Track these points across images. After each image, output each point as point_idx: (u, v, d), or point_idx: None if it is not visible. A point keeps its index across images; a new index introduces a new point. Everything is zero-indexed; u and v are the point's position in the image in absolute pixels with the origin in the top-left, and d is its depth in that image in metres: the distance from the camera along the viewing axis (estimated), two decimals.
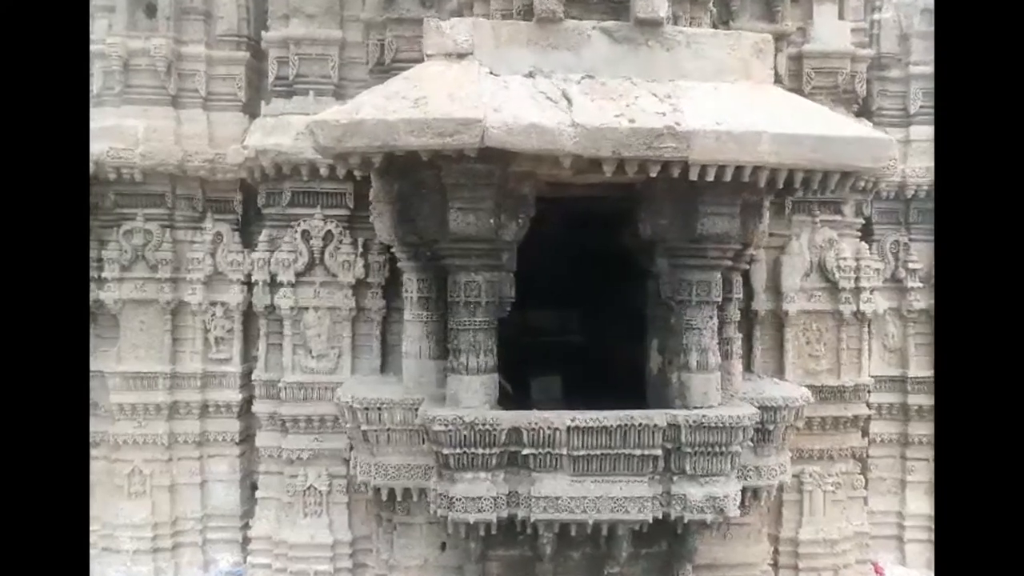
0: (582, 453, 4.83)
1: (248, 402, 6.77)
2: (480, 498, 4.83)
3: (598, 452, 4.85)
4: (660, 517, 4.96)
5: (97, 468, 6.67)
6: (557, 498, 4.86)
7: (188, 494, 6.73)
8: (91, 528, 6.60)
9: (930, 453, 6.94)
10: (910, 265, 6.97)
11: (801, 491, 6.51)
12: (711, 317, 5.12)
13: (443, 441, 4.78)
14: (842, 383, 6.51)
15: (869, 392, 6.83)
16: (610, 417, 4.83)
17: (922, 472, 7.00)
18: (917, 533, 6.98)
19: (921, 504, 6.98)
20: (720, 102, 4.56)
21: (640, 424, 4.82)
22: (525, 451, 4.83)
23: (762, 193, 4.83)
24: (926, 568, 6.87)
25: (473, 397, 4.93)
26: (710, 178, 4.40)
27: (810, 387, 6.17)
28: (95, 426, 6.67)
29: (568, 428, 4.78)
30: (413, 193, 5.13)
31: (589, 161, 4.38)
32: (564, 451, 4.82)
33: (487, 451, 4.80)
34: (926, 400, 6.93)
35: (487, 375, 5.01)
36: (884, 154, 4.47)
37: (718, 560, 5.82)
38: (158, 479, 6.64)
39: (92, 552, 6.57)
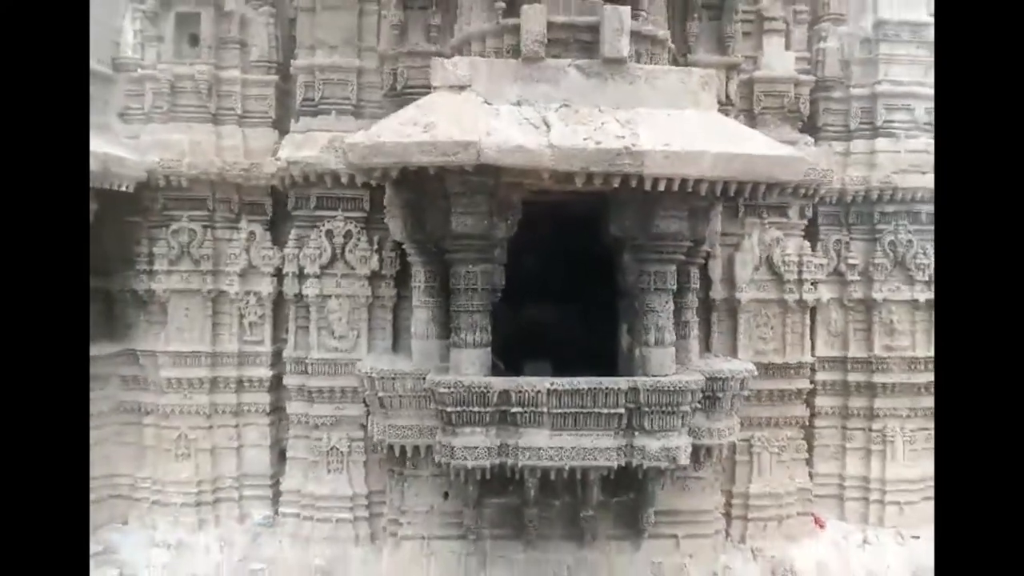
0: (560, 411, 5.88)
1: (277, 378, 7.79)
2: (476, 448, 5.89)
3: (573, 411, 5.89)
4: (623, 465, 6.01)
5: (149, 434, 7.72)
6: (539, 448, 5.91)
7: (226, 457, 7.75)
8: (144, 484, 7.68)
9: (866, 424, 7.99)
10: (849, 261, 7.96)
11: (751, 453, 7.57)
12: (667, 302, 6.18)
13: (446, 401, 5.86)
14: (786, 361, 7.58)
15: (813, 370, 7.90)
16: (582, 382, 5.90)
17: (859, 440, 8.02)
18: (854, 492, 7.99)
19: (858, 467, 8.00)
20: (671, 127, 5.62)
21: (607, 388, 5.88)
22: (513, 409, 5.88)
23: (706, 200, 5.90)
24: (861, 522, 7.91)
25: (471, 366, 5.99)
26: (661, 188, 5.46)
27: (759, 364, 7.25)
28: (148, 398, 7.72)
29: (548, 390, 5.83)
30: (422, 200, 6.21)
31: (564, 174, 5.43)
32: (545, 410, 5.86)
33: (482, 409, 5.86)
34: (863, 377, 7.97)
35: (482, 349, 6.07)
36: (799, 169, 5.57)
37: (678, 507, 6.88)
38: (201, 443, 7.64)
39: (145, 505, 7.65)
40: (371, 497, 7.35)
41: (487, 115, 5.59)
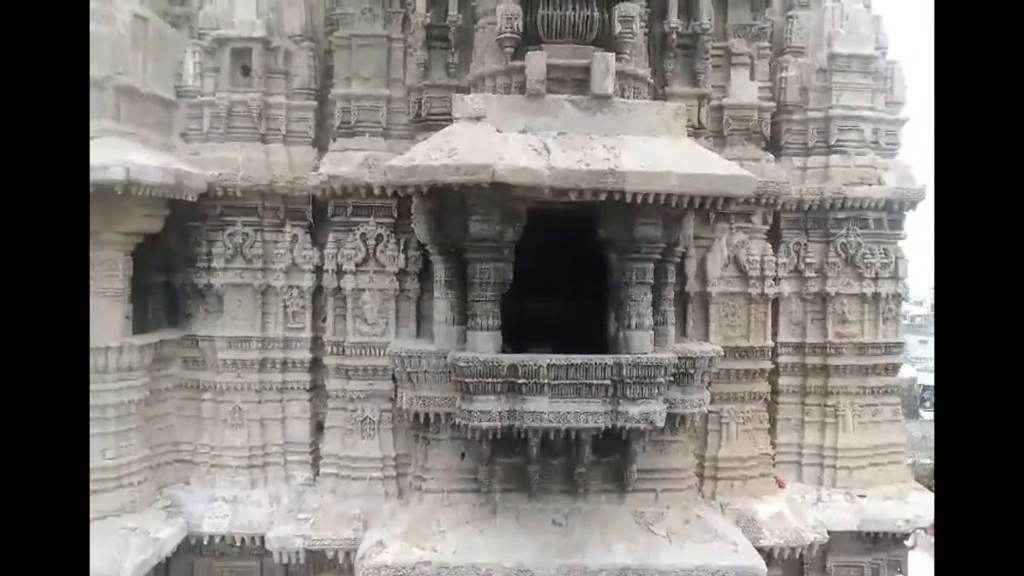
0: (557, 382, 7.09)
1: (315, 360, 9.07)
2: (489, 412, 7.15)
3: (568, 382, 7.11)
4: (610, 427, 7.28)
5: (207, 407, 8.96)
6: (541, 412, 7.14)
7: (273, 427, 8.98)
8: (204, 450, 8.98)
9: (821, 400, 9.26)
10: (807, 260, 9.22)
11: (721, 423, 8.83)
12: (646, 294, 7.47)
13: (464, 374, 7.15)
14: (751, 345, 8.86)
15: (775, 353, 9.20)
16: (576, 359, 7.14)
17: (816, 414, 9.26)
18: (811, 459, 9.23)
19: (814, 437, 9.24)
20: (647, 151, 6.92)
21: (596, 363, 7.13)
22: (519, 381, 7.10)
23: (676, 210, 7.18)
24: (816, 483, 9.17)
25: (485, 345, 7.30)
26: (639, 201, 6.78)
27: (727, 348, 8.56)
28: (206, 377, 8.97)
29: (548, 365, 7.07)
30: (444, 210, 7.51)
31: (561, 190, 6.66)
32: (545, 381, 7.09)
33: (494, 380, 7.12)
34: (818, 360, 9.21)
35: (494, 332, 7.36)
36: (750, 186, 6.85)
37: (657, 466, 8.13)
38: (251, 415, 8.87)
39: (204, 468, 8.94)
40: (398, 459, 8.63)
41: (499, 142, 6.89)
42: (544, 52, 7.16)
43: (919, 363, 58.55)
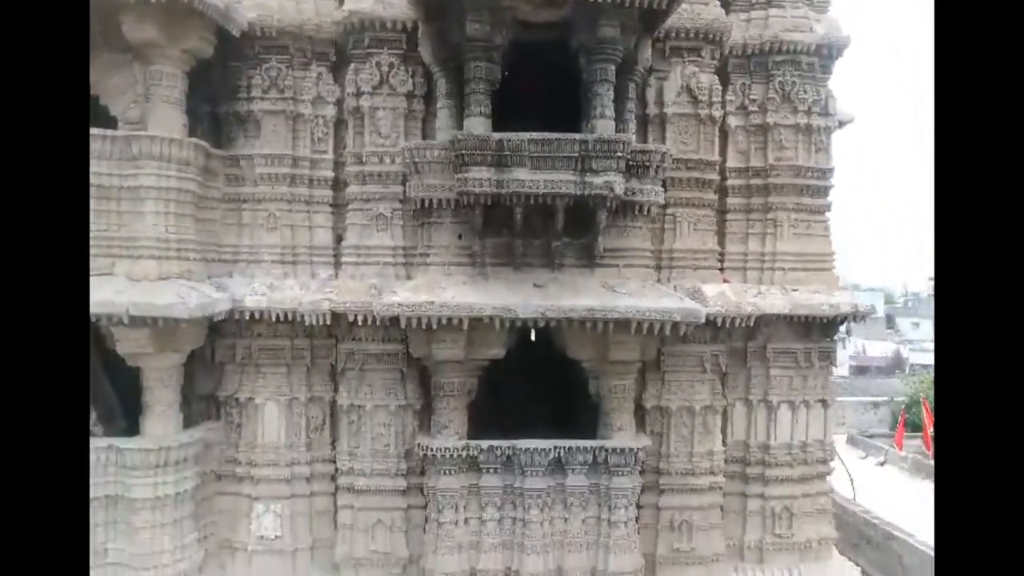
0: (536, 155, 8.82)
1: (336, 180, 10.81)
2: (481, 179, 8.88)
3: (545, 155, 8.84)
4: (579, 194, 9.03)
5: (246, 215, 10.67)
6: (523, 180, 8.89)
7: (302, 232, 10.68)
8: (244, 250, 10.70)
9: (763, 215, 10.97)
10: (751, 97, 10.95)
11: (675, 222, 10.58)
12: (609, 90, 9.21)
13: (462, 147, 8.86)
14: (700, 157, 10.60)
15: (723, 175, 10.95)
16: (552, 135, 8.82)
17: (758, 227, 11.00)
18: (753, 264, 10.95)
19: (756, 246, 11.03)
20: None
21: (568, 139, 8.81)
22: (506, 154, 8.88)
23: (628, 16, 8.93)
24: (758, 282, 10.95)
25: (478, 127, 9.01)
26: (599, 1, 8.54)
27: (680, 159, 10.34)
28: (245, 189, 10.66)
29: (528, 140, 8.82)
30: (444, 27, 9.28)
31: None
32: (527, 154, 8.85)
33: (484, 153, 8.81)
34: (760, 181, 10.95)
35: (486, 118, 9.08)
36: None
37: (620, 246, 9.89)
38: (284, 221, 10.56)
39: (243, 264, 10.68)
40: (406, 249, 10.34)
41: None
42: None
43: (911, 344, 62.31)
